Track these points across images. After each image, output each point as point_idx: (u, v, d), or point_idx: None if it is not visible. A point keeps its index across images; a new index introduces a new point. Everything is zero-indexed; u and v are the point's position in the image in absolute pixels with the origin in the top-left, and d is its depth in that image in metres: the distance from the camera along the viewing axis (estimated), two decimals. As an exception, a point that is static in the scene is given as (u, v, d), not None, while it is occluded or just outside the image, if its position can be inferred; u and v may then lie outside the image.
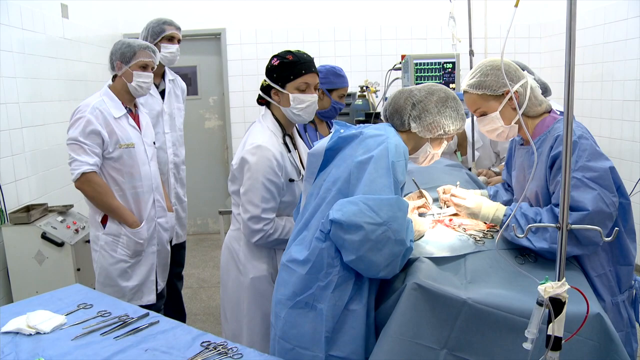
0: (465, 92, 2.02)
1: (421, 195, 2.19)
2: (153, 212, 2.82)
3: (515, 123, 1.97)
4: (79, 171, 2.56)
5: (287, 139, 2.29)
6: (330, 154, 1.88)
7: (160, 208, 2.87)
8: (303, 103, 2.23)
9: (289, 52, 2.25)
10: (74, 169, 2.57)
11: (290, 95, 2.21)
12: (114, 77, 2.78)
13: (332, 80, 2.96)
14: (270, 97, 2.28)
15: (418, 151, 1.95)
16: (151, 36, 3.20)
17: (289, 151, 2.27)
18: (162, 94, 3.30)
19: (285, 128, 2.30)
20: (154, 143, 2.94)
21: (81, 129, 2.57)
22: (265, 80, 2.28)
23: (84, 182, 2.59)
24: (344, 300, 1.66)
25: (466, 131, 3.26)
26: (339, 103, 3.01)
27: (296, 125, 2.42)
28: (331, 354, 1.65)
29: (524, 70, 2.03)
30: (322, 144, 1.90)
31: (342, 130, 1.88)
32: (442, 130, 1.88)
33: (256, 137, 2.21)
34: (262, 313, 2.25)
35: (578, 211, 1.72)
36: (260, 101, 2.34)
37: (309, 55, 2.27)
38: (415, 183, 2.25)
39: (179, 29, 3.30)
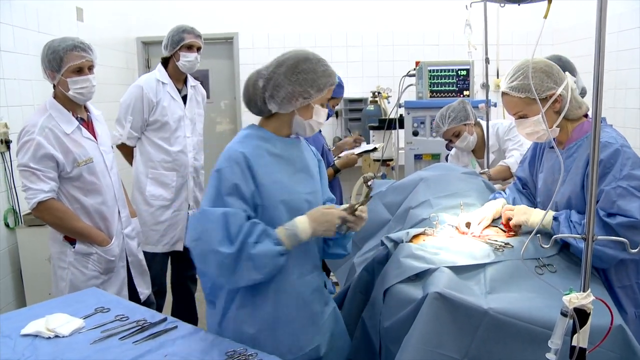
0: (505, 93, 1.97)
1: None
2: (120, 226, 2.67)
3: (557, 126, 1.94)
4: (35, 200, 2.35)
5: None
6: None
7: (125, 218, 2.72)
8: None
9: None
10: (29, 198, 2.37)
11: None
12: (55, 85, 2.48)
13: (336, 91, 3.14)
14: None
15: (293, 127, 1.86)
16: (171, 45, 3.18)
17: None
18: (184, 99, 3.30)
19: None
20: (113, 147, 2.77)
21: (31, 154, 2.33)
22: None
23: (42, 211, 2.39)
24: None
25: (483, 135, 3.24)
26: (332, 110, 3.33)
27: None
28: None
29: (564, 72, 1.99)
30: None
31: None
32: (301, 98, 1.75)
33: None
34: None
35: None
36: None
37: None
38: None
39: (199, 36, 3.22)
